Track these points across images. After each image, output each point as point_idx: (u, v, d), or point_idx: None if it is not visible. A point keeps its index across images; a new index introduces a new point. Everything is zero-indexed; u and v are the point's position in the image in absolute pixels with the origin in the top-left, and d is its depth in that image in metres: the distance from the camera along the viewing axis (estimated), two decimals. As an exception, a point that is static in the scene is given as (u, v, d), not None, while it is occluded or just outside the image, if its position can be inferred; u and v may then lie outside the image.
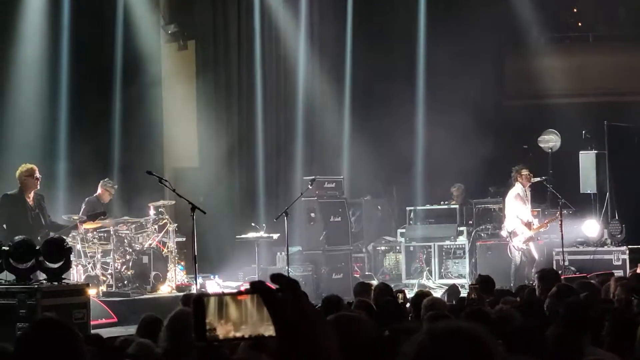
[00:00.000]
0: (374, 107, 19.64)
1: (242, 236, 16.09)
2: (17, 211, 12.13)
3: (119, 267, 14.04)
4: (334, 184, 16.89)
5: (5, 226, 12.00)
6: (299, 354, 1.75)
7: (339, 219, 16.65)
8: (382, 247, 18.63)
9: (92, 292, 11.71)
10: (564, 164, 17.81)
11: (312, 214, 16.38)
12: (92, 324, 10.66)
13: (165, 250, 14.72)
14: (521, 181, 15.18)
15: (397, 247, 18.43)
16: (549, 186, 16.62)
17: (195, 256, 12.12)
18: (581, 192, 17.50)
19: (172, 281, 14.47)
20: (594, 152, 17.40)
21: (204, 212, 12.29)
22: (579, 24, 21.33)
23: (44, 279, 10.40)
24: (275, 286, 1.78)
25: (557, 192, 16.13)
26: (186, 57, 18.32)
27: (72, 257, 11.36)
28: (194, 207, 11.95)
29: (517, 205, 15.17)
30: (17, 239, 10.53)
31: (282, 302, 1.76)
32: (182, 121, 17.78)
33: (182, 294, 12.01)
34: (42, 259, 10.31)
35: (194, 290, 12.69)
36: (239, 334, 1.76)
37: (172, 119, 17.79)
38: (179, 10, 18.01)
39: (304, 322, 1.76)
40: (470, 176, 18.11)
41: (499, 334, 5.15)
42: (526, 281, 13.62)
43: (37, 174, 12.24)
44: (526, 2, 19.86)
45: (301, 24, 19.28)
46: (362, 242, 18.64)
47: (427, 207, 18.56)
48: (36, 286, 10.13)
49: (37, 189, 12.32)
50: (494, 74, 19.79)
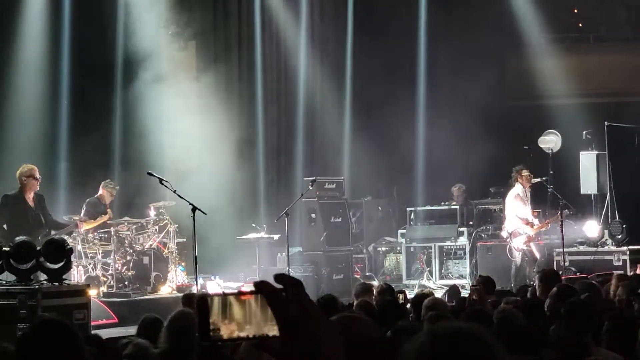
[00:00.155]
0: (375, 107, 19.62)
1: (243, 237, 16.08)
2: (17, 211, 12.12)
3: (120, 268, 14.03)
4: (335, 184, 16.88)
5: (5, 227, 12.00)
6: (303, 354, 1.75)
7: (340, 220, 16.65)
8: (383, 248, 18.62)
9: (92, 292, 11.71)
10: (565, 164, 17.80)
11: (313, 215, 16.38)
12: (93, 324, 10.66)
13: (165, 251, 14.71)
14: (521, 182, 15.16)
15: (398, 248, 18.42)
16: (549, 187, 16.60)
17: (195, 257, 12.11)
18: (582, 192, 17.49)
19: (173, 282, 14.47)
20: (595, 152, 17.38)
21: (205, 213, 12.30)
22: (580, 25, 21.31)
23: (45, 280, 10.40)
24: (279, 286, 1.77)
25: (557, 192, 16.12)
26: (187, 58, 18.31)
27: (72, 258, 11.36)
28: (194, 208, 11.96)
29: (517, 205, 15.16)
30: (18, 239, 10.54)
31: (286, 303, 1.75)
32: (183, 122, 17.76)
33: (182, 294, 11.99)
34: (42, 259, 10.31)
35: (195, 290, 12.67)
36: (242, 334, 1.75)
37: (173, 120, 17.76)
38: (179, 10, 18.00)
39: (308, 323, 1.75)
40: (470, 177, 18.10)
41: (500, 334, 5.15)
42: (527, 281, 13.63)
43: (37, 175, 12.24)
44: (526, 3, 19.85)
45: (301, 24, 19.28)
46: (362, 243, 18.64)
47: (428, 207, 18.55)
48: (37, 287, 10.13)
49: (37, 190, 12.31)
50: (494, 75, 19.76)
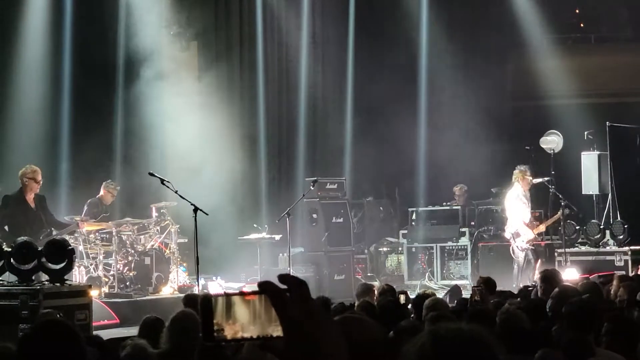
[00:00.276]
0: (376, 108, 19.60)
1: (245, 237, 16.07)
2: (18, 212, 12.12)
3: (121, 269, 14.03)
4: (336, 185, 16.87)
5: (6, 227, 11.99)
6: (306, 354, 1.74)
7: (341, 220, 16.63)
8: (384, 249, 18.61)
9: (94, 293, 11.69)
10: (566, 165, 17.76)
11: (314, 215, 16.37)
12: (94, 325, 10.66)
13: (167, 251, 14.70)
14: (522, 182, 15.16)
15: (399, 249, 18.42)
16: (551, 187, 16.58)
17: (197, 257, 12.09)
18: (583, 193, 17.45)
19: (174, 282, 14.46)
20: (596, 153, 17.35)
21: (206, 214, 12.29)
22: (581, 25, 21.31)
23: (46, 280, 10.40)
24: (283, 287, 1.77)
25: (559, 193, 16.11)
26: (189, 58, 18.30)
27: (74, 258, 11.35)
28: (196, 209, 11.95)
29: (517, 205, 15.15)
30: (19, 240, 10.53)
31: (290, 303, 1.75)
32: (185, 122, 17.75)
33: (184, 295, 11.98)
34: (44, 260, 10.30)
35: (196, 291, 12.66)
36: (246, 335, 1.75)
37: (175, 120, 17.76)
38: (180, 10, 17.99)
39: (312, 323, 1.75)
40: (472, 177, 18.09)
41: (503, 334, 5.15)
42: (528, 281, 13.62)
43: (39, 178, 12.25)
44: (528, 3, 19.84)
45: (303, 24, 19.27)
46: (364, 243, 18.63)
47: (429, 208, 18.54)
48: (38, 287, 10.13)
49: (37, 192, 12.30)
50: (496, 75, 19.76)
